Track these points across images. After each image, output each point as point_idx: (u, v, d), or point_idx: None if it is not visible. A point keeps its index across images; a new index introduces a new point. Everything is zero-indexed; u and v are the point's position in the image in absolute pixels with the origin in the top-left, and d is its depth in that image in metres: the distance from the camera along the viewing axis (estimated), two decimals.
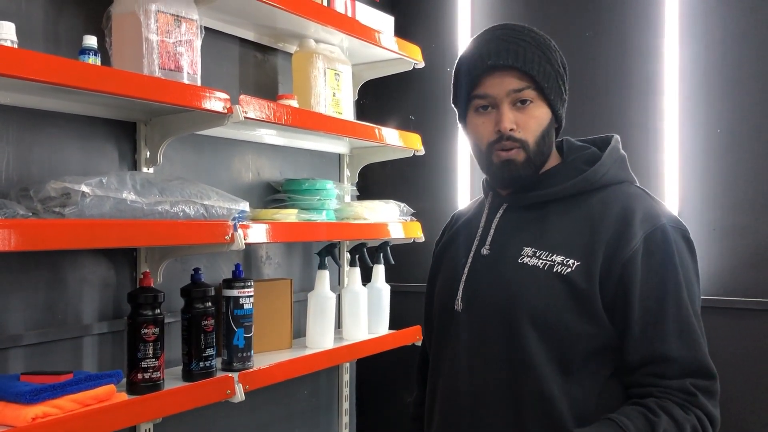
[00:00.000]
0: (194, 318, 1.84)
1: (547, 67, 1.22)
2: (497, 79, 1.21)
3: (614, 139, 1.30)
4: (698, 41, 2.47)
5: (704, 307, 2.41)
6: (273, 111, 1.93)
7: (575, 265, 1.17)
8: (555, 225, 1.22)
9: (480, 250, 1.29)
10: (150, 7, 1.68)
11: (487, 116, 1.24)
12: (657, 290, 1.15)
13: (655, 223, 1.18)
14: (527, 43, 1.22)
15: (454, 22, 2.87)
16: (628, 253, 1.15)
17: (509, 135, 1.21)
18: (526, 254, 1.22)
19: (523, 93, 1.21)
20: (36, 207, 1.46)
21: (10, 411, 1.37)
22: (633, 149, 2.56)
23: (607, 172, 1.24)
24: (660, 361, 1.14)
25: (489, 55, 1.21)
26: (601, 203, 1.21)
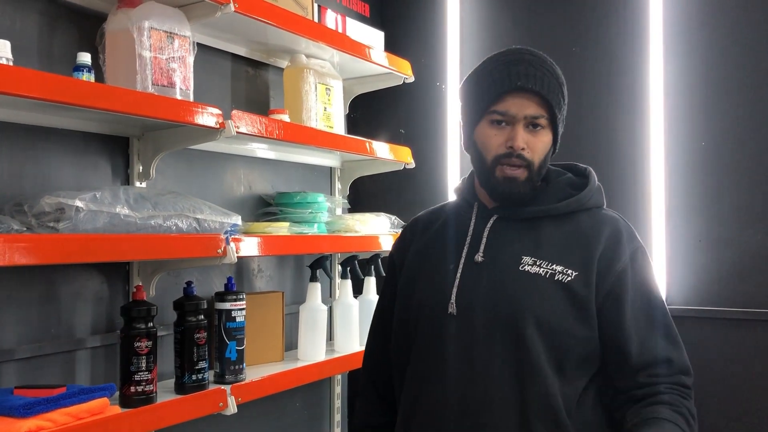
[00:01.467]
0: (187, 331, 1.85)
1: (560, 99, 1.33)
2: (519, 101, 1.29)
3: (590, 170, 1.45)
4: (682, 56, 2.52)
5: (690, 317, 2.45)
6: (265, 126, 1.96)
7: (574, 275, 1.28)
8: (550, 238, 1.32)
9: (473, 257, 1.34)
10: (143, 24, 1.70)
11: (501, 130, 1.31)
12: (645, 302, 1.30)
13: (635, 243, 1.35)
14: (550, 74, 1.32)
15: (443, 37, 2.91)
16: (620, 268, 1.29)
17: (519, 153, 1.30)
18: (527, 263, 1.30)
19: (538, 120, 1.31)
20: (30, 222, 1.48)
21: (3, 425, 1.37)
22: (619, 162, 2.61)
23: (592, 197, 1.38)
24: (659, 363, 1.28)
25: (518, 77, 1.29)
26: (591, 222, 1.34)
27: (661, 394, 1.26)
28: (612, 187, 2.61)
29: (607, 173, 2.63)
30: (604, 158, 2.64)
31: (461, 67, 2.89)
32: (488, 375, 1.27)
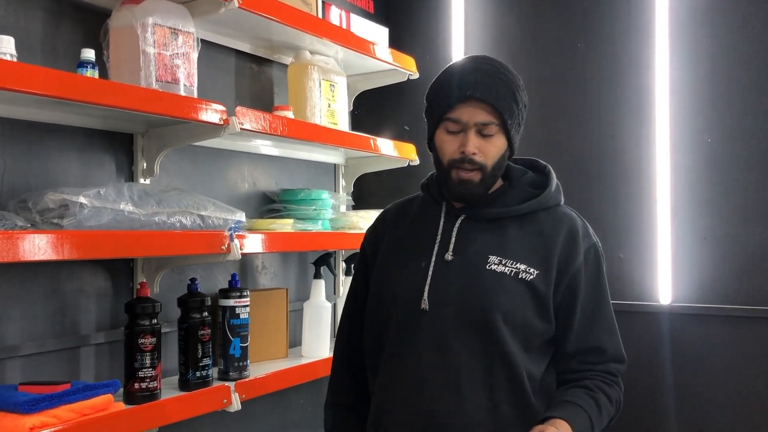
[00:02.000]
0: (191, 328, 1.85)
1: (513, 106, 1.40)
2: (470, 109, 1.38)
3: (549, 168, 1.52)
4: (688, 52, 2.50)
5: (695, 315, 2.44)
6: (269, 122, 1.96)
7: (536, 273, 1.39)
8: (514, 238, 1.42)
9: (443, 255, 1.43)
10: (147, 20, 1.70)
11: (455, 137, 1.41)
12: (593, 296, 1.43)
13: (590, 241, 1.45)
14: (503, 82, 1.40)
15: (448, 33, 2.90)
16: (576, 267, 1.41)
17: (470, 158, 1.39)
18: (493, 262, 1.40)
19: (488, 127, 1.39)
20: (34, 218, 1.48)
21: (8, 421, 1.38)
22: (625, 159, 2.60)
23: (552, 197, 1.48)
24: (595, 352, 1.41)
25: (468, 87, 1.38)
26: (550, 221, 1.44)
27: (585, 379, 1.40)
28: (617, 183, 2.61)
29: (613, 170, 2.62)
30: (610, 155, 2.63)
31: None
32: (459, 363, 1.37)
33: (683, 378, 2.48)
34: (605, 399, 1.38)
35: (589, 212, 2.65)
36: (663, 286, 2.53)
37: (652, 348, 2.53)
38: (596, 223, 2.62)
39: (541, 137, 2.76)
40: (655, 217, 2.55)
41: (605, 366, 1.41)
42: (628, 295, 2.58)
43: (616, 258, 2.61)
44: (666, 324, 2.51)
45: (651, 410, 2.53)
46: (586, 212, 2.64)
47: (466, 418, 1.36)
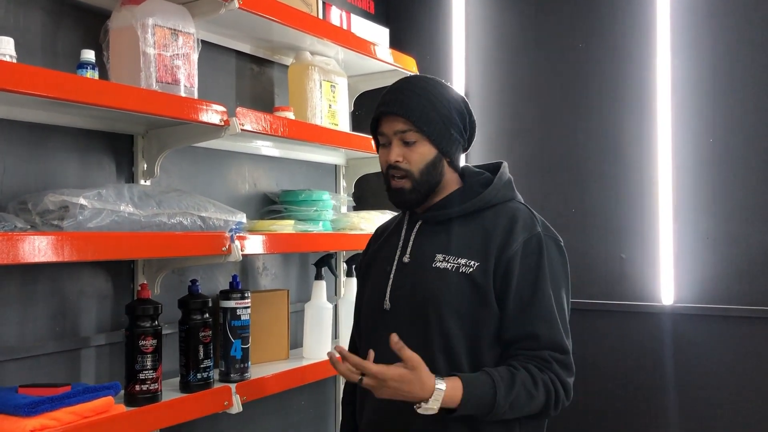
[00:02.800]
0: (192, 329, 1.85)
1: (431, 114, 1.51)
2: (389, 122, 1.53)
3: (503, 165, 1.61)
4: (690, 51, 2.50)
5: (698, 315, 2.43)
6: (270, 123, 1.95)
7: (476, 266, 1.48)
8: (458, 235, 1.53)
9: (402, 258, 1.58)
10: (147, 21, 1.69)
11: (384, 150, 1.56)
12: (530, 284, 1.47)
13: (532, 231, 1.50)
14: (416, 95, 1.51)
15: (448, 33, 2.90)
16: (510, 254, 1.47)
17: (395, 165, 1.52)
18: (438, 260, 1.51)
19: (406, 134, 1.51)
20: (34, 220, 1.47)
21: (8, 423, 1.37)
22: (626, 159, 2.59)
23: (498, 194, 1.55)
24: (528, 338, 1.45)
25: (386, 104, 1.54)
26: (493, 216, 1.52)
27: (514, 360, 1.44)
28: (619, 184, 2.60)
29: (614, 170, 2.61)
30: (611, 155, 2.62)
31: (467, 63, 2.88)
32: None
33: (685, 379, 2.47)
34: (528, 378, 1.41)
35: (591, 213, 2.65)
36: (665, 286, 2.53)
37: (654, 349, 2.53)
38: (598, 223, 2.63)
39: (541, 137, 2.75)
40: (657, 217, 2.54)
41: (539, 353, 1.44)
42: (630, 295, 2.58)
43: (618, 258, 2.60)
44: (668, 325, 2.51)
45: (653, 411, 2.53)
46: (588, 213, 2.64)
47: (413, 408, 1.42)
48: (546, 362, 1.44)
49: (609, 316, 2.59)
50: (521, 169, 2.68)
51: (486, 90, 2.83)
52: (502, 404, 1.38)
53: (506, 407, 1.39)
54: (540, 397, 1.42)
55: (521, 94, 2.78)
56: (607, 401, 2.58)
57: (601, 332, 2.61)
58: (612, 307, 2.59)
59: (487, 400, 1.38)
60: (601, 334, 2.61)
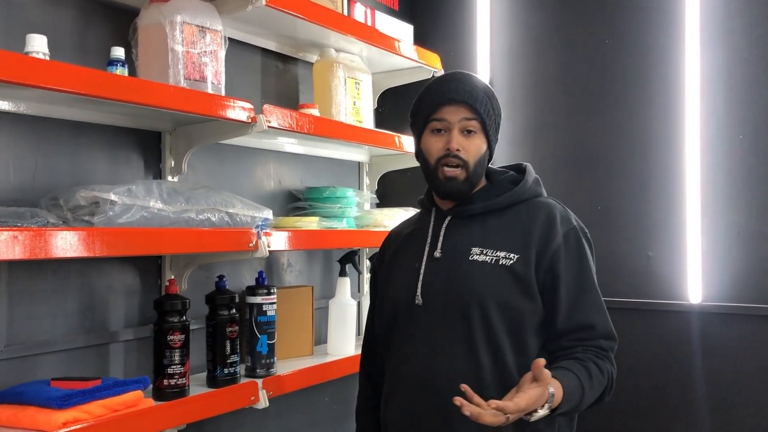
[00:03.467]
0: (219, 325, 1.86)
1: (490, 110, 1.53)
2: (453, 108, 1.52)
3: (528, 165, 1.63)
4: (720, 46, 2.46)
5: (727, 314, 2.39)
6: (295, 120, 1.96)
7: (515, 258, 1.48)
8: (494, 229, 1.52)
9: (432, 253, 1.55)
10: (175, 18, 1.70)
11: (440, 137, 1.53)
12: (577, 275, 1.49)
13: (569, 225, 1.52)
14: (477, 87, 1.54)
15: (473, 29, 2.89)
16: (554, 247, 1.48)
17: (455, 154, 1.50)
18: (475, 253, 1.50)
19: (470, 123, 1.51)
20: (66, 215, 1.49)
21: (42, 416, 1.39)
22: (654, 155, 2.56)
23: (529, 189, 1.57)
24: (584, 329, 1.46)
25: (450, 90, 1.53)
26: (528, 211, 1.53)
27: (576, 353, 1.45)
28: (646, 180, 2.57)
29: (641, 167, 2.59)
30: (638, 151, 2.60)
31: (491, 59, 2.86)
32: (446, 353, 1.47)
33: (714, 379, 2.44)
34: (596, 369, 1.42)
35: (617, 210, 2.63)
36: (693, 284, 2.50)
37: (682, 349, 2.50)
38: (625, 220, 2.60)
39: (567, 134, 2.73)
40: (684, 214, 2.51)
41: (596, 342, 1.46)
42: (657, 294, 2.55)
43: (645, 256, 2.57)
44: (696, 324, 2.47)
45: (680, 412, 2.50)
46: (614, 210, 2.62)
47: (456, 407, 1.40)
48: (604, 351, 1.46)
49: (635, 315, 2.56)
50: (547, 166, 2.66)
51: (511, 86, 2.81)
52: (586, 399, 1.38)
53: (587, 402, 1.40)
54: (603, 385, 1.43)
55: (547, 91, 2.76)
56: (633, 400, 2.55)
57: (627, 331, 2.58)
58: (638, 305, 2.57)
59: (578, 395, 1.37)
60: (627, 333, 2.58)
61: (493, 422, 1.25)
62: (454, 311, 1.48)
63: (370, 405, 1.70)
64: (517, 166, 1.65)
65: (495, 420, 1.24)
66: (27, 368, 1.60)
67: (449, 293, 1.50)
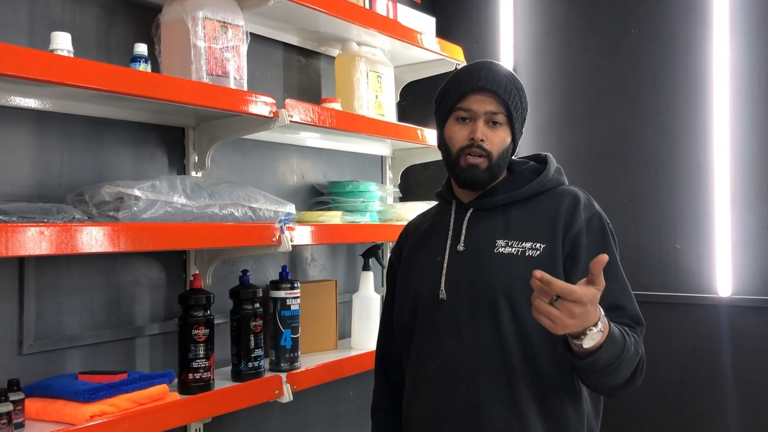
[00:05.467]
0: (243, 319, 1.87)
1: (517, 103, 1.50)
2: (481, 98, 1.48)
3: (549, 155, 1.59)
4: (749, 34, 2.41)
5: (756, 308, 2.35)
6: (317, 114, 1.95)
7: (542, 248, 1.44)
8: (518, 220, 1.49)
9: (455, 247, 1.51)
10: (197, 14, 1.71)
11: (465, 126, 1.50)
12: None
13: (592, 210, 1.49)
14: (507, 79, 1.50)
15: (496, 21, 2.86)
16: (575, 231, 1.45)
17: (479, 144, 1.47)
18: (500, 245, 1.47)
19: (496, 115, 1.48)
20: (91, 211, 1.51)
21: (69, 409, 1.41)
22: (681, 147, 2.52)
23: (551, 178, 1.54)
24: (614, 309, 1.39)
25: (479, 79, 1.48)
26: (552, 199, 1.50)
27: None
28: (674, 172, 2.53)
29: (669, 158, 2.54)
30: (665, 143, 2.55)
31: (515, 50, 2.83)
32: (474, 348, 1.43)
33: (744, 374, 2.40)
34: (630, 337, 1.34)
35: (644, 202, 2.59)
36: (722, 277, 2.45)
37: (710, 343, 2.45)
38: (652, 213, 2.56)
39: (593, 126, 2.69)
40: (713, 206, 2.47)
41: (624, 320, 1.40)
42: (686, 287, 2.51)
43: (673, 249, 2.53)
44: (725, 317, 2.43)
45: (709, 406, 2.46)
46: (641, 202, 2.58)
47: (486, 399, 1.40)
48: (633, 329, 1.40)
49: (663, 308, 2.53)
50: (573, 158, 2.63)
51: (535, 78, 2.78)
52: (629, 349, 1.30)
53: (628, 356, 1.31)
54: (639, 355, 1.36)
55: (572, 82, 2.72)
56: (660, 395, 2.52)
57: (655, 324, 2.54)
58: (666, 299, 2.53)
59: (620, 341, 1.29)
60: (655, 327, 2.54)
61: (535, 303, 1.21)
62: (481, 305, 1.44)
63: (387, 403, 1.67)
64: (537, 156, 1.62)
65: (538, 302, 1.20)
66: (55, 362, 1.63)
67: (475, 287, 1.46)
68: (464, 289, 1.47)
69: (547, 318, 1.21)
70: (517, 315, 1.42)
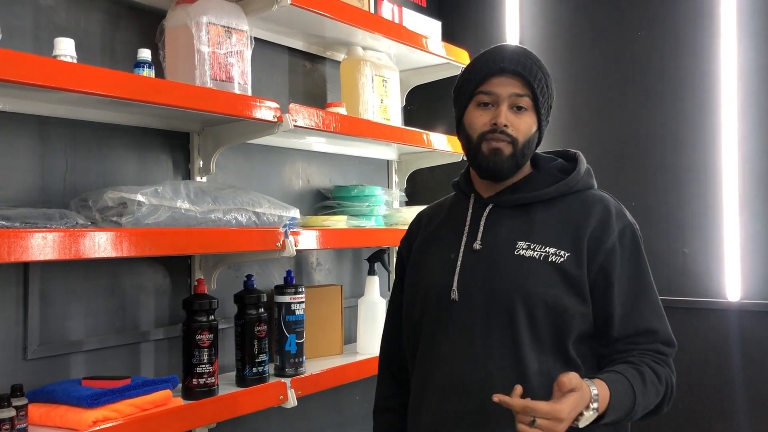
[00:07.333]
0: (247, 324, 1.87)
1: (544, 88, 1.40)
2: (504, 80, 1.37)
3: (579, 153, 1.48)
4: (757, 37, 2.39)
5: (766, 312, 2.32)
6: (322, 119, 1.95)
7: (566, 255, 1.34)
8: (542, 222, 1.38)
9: (471, 245, 1.40)
10: (201, 19, 1.71)
11: (486, 111, 1.39)
12: (634, 277, 1.36)
13: (624, 222, 1.39)
14: (533, 62, 1.39)
15: (502, 24, 2.85)
16: (609, 245, 1.35)
17: (502, 129, 1.36)
18: (521, 247, 1.36)
19: (521, 99, 1.37)
20: (95, 216, 1.51)
21: (72, 415, 1.41)
22: (689, 150, 2.50)
23: (581, 180, 1.42)
24: (644, 333, 1.34)
25: (502, 60, 1.38)
26: (580, 204, 1.40)
27: (630, 356, 1.32)
28: (681, 175, 2.51)
29: (677, 162, 2.52)
30: (673, 146, 2.53)
31: None
32: (487, 355, 1.33)
33: (754, 378, 2.37)
34: (652, 374, 1.29)
35: (652, 205, 2.57)
36: (731, 281, 2.43)
37: (719, 348, 2.43)
38: (659, 216, 2.54)
39: (600, 129, 2.68)
40: (721, 209, 2.44)
41: (654, 346, 1.34)
42: (694, 291, 2.49)
43: (681, 253, 2.51)
44: (735, 322, 2.40)
45: (719, 411, 2.43)
46: (648, 205, 2.56)
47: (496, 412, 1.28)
48: (663, 356, 1.34)
49: (671, 313, 2.46)
50: None
51: None
52: (639, 404, 1.26)
53: (641, 408, 1.27)
54: (661, 392, 1.31)
55: (579, 85, 2.71)
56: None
57: None
58: (674, 303, 2.50)
59: (629, 401, 1.24)
60: None
61: (518, 423, 1.15)
62: (497, 310, 1.34)
63: (390, 404, 1.58)
64: (566, 153, 1.50)
65: (520, 419, 1.14)
66: (59, 367, 1.63)
67: (491, 290, 1.35)
68: (478, 291, 1.36)
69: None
70: (535, 324, 1.31)
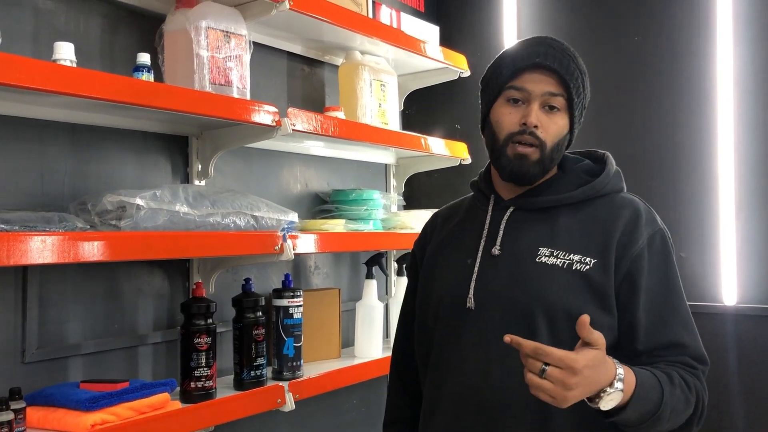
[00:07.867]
0: (245, 327, 1.87)
1: (581, 87, 1.31)
2: (538, 77, 1.28)
3: (608, 154, 1.40)
4: (753, 42, 2.40)
5: (762, 316, 2.33)
6: (320, 123, 1.96)
7: (592, 263, 1.25)
8: (566, 227, 1.29)
9: (490, 250, 1.32)
10: (200, 23, 1.72)
11: (516, 108, 1.29)
12: (663, 286, 1.27)
13: (654, 227, 1.30)
14: (570, 58, 1.30)
15: (499, 30, 2.86)
16: (637, 250, 1.25)
17: (532, 131, 1.27)
18: (543, 254, 1.27)
19: (555, 99, 1.28)
20: (93, 220, 1.51)
21: (70, 418, 1.41)
22: (686, 155, 2.51)
23: (609, 182, 1.34)
24: (672, 347, 1.24)
25: (537, 54, 1.28)
26: (608, 208, 1.30)
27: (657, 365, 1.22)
28: (678, 179, 2.52)
29: (673, 166, 2.53)
30: (670, 150, 2.54)
31: None
32: (504, 367, 1.24)
33: (750, 382, 2.38)
34: (680, 380, 1.20)
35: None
36: (727, 285, 2.44)
37: (716, 352, 2.43)
38: None
39: (596, 134, 2.69)
40: (717, 213, 2.45)
41: (682, 358, 1.23)
42: (691, 295, 2.46)
43: (678, 257, 2.52)
44: (731, 326, 2.41)
45: (716, 417, 2.44)
46: None
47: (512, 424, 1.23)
48: (693, 369, 1.24)
49: None
50: None
51: None
52: (667, 404, 1.16)
53: (668, 410, 1.16)
54: (691, 404, 1.21)
55: None
56: None
57: None
58: None
59: (655, 396, 1.14)
60: None
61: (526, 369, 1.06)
62: (515, 320, 1.25)
63: (402, 415, 1.51)
64: (593, 154, 1.41)
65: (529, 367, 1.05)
66: (57, 371, 1.63)
67: (510, 298, 1.27)
68: (496, 299, 1.28)
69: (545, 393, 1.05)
70: (557, 337, 1.21)
